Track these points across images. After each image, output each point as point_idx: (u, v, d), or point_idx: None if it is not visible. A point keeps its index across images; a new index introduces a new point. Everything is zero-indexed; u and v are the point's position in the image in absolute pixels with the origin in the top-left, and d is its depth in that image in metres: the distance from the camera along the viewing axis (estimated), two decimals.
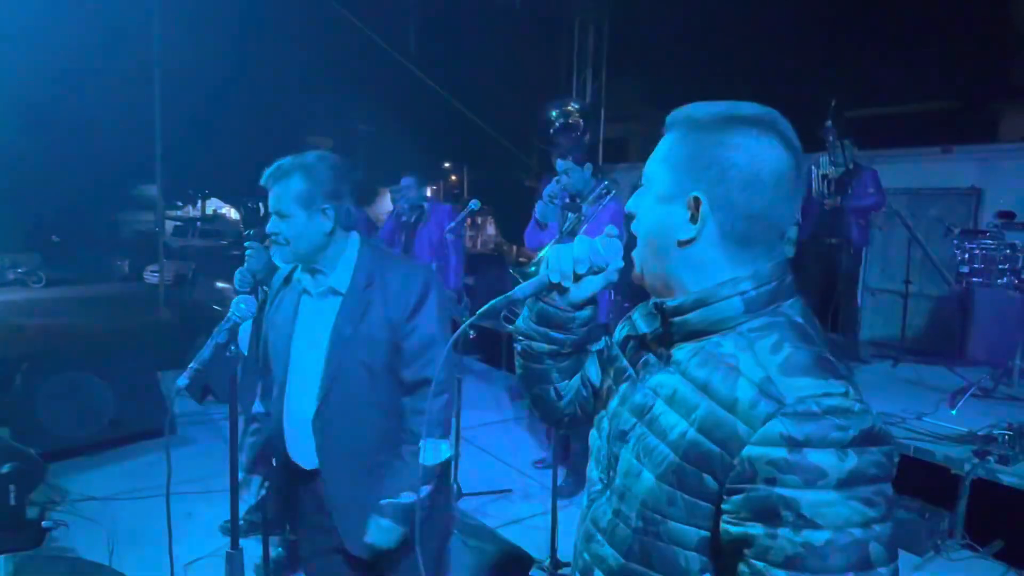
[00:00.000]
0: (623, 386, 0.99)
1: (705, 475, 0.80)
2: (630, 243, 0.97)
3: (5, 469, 2.88)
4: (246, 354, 2.32)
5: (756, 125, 0.85)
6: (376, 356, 1.76)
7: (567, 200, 3.60)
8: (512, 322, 1.27)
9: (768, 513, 0.74)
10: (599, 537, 0.94)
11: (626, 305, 3.26)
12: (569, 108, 4.60)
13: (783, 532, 0.73)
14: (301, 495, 1.93)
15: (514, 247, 13.67)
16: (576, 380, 1.13)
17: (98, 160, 16.75)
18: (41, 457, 3.21)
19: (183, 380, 1.58)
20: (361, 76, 11.56)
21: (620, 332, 1.08)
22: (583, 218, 3.51)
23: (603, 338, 1.14)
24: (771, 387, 0.77)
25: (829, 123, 5.17)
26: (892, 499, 0.76)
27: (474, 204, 4.14)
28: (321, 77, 11.86)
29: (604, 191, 3.59)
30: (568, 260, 0.97)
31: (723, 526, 0.79)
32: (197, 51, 10.14)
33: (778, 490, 0.73)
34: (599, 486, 0.99)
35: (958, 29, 6.89)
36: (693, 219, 0.86)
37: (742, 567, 0.77)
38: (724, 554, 0.81)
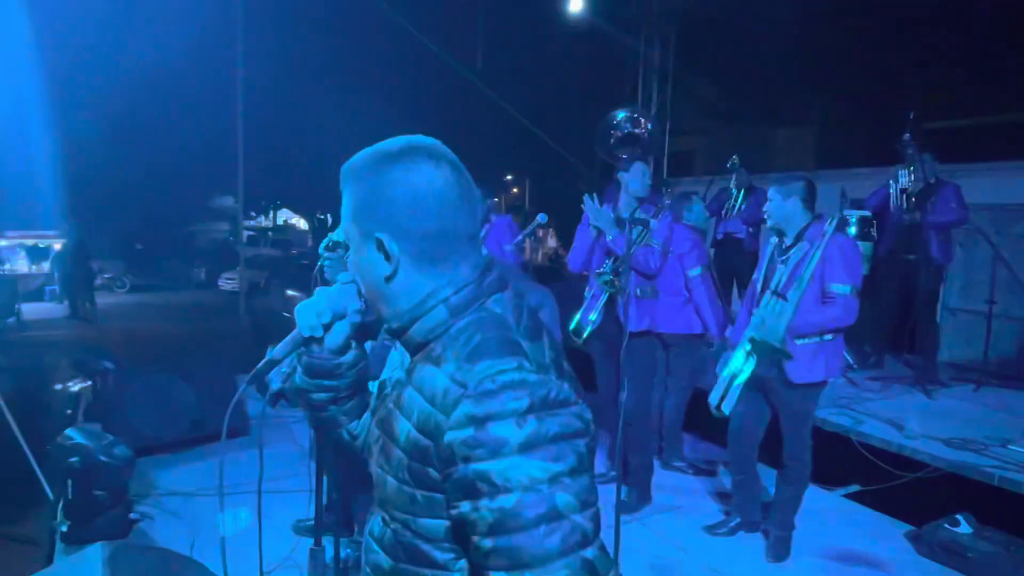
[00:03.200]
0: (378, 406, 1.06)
1: (428, 468, 0.88)
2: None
3: (103, 459, 3.08)
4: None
5: (403, 157, 0.95)
6: None
7: (622, 215, 3.56)
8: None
9: (469, 489, 0.82)
10: (375, 546, 1.00)
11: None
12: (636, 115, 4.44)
13: (483, 503, 0.81)
14: None
15: None
16: (367, 416, 1.16)
17: (179, 172, 17.65)
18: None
19: (276, 383, 1.68)
20: (428, 91, 11.85)
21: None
22: (650, 232, 3.50)
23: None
24: (459, 374, 0.86)
25: (907, 136, 5.01)
26: (585, 455, 0.85)
27: (542, 218, 4.18)
28: (390, 92, 12.20)
29: (663, 205, 3.57)
30: (311, 314, 1.04)
31: (448, 512, 0.87)
32: (276, 68, 10.59)
33: (472, 466, 0.81)
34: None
35: None
36: (386, 257, 0.95)
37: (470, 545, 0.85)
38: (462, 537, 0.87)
